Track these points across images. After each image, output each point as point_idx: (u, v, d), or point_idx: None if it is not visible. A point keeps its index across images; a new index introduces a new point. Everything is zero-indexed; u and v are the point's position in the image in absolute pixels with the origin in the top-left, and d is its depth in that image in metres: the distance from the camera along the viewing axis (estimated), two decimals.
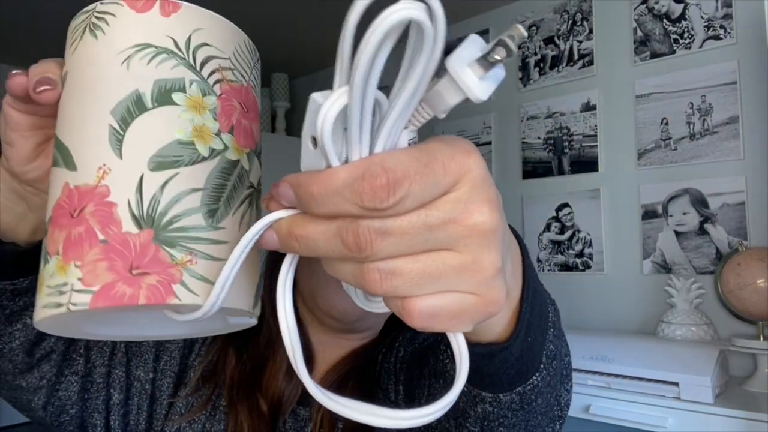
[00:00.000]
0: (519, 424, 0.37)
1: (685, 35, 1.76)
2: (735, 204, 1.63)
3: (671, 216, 1.75)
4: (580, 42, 1.99)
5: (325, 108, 0.22)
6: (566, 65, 2.02)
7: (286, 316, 0.25)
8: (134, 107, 0.26)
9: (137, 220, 0.25)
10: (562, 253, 1.99)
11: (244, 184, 0.29)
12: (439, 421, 0.42)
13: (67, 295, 0.25)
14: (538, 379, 0.35)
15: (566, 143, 2.00)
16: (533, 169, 2.09)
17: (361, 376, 0.62)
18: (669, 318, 1.60)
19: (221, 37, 0.30)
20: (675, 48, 1.77)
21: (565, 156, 2.00)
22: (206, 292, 0.26)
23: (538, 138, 2.08)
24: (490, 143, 2.22)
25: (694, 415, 1.28)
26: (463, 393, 0.36)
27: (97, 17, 0.29)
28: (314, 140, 0.24)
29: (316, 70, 2.97)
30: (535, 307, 0.33)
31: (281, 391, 0.61)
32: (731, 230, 1.64)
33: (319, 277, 0.60)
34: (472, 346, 0.30)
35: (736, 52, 1.66)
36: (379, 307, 0.29)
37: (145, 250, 0.25)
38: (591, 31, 1.97)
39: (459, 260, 0.22)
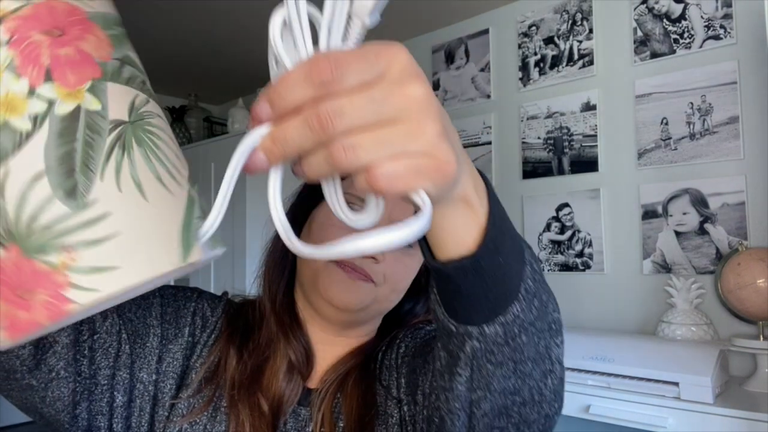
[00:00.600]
0: (507, 364, 0.39)
1: (685, 35, 1.76)
2: (735, 204, 1.63)
3: (671, 216, 1.75)
4: (580, 42, 1.99)
5: (271, 25, 0.26)
6: (566, 65, 2.02)
7: (278, 213, 0.28)
8: None
9: (2, 239, 0.22)
10: (562, 253, 1.99)
11: (102, 130, 0.24)
12: (434, 377, 0.44)
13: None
14: (518, 310, 0.38)
15: (566, 143, 2.00)
16: (533, 169, 2.09)
17: (360, 373, 0.62)
18: (669, 318, 1.60)
19: None
20: (675, 48, 1.77)
21: (565, 156, 2.00)
22: (104, 281, 0.22)
23: (538, 138, 2.08)
24: (490, 143, 2.22)
25: (694, 415, 1.28)
26: (452, 335, 0.39)
27: None
28: (275, 60, 0.28)
29: None
30: (504, 231, 0.36)
31: (282, 390, 0.61)
32: (731, 230, 1.64)
33: (319, 267, 0.61)
34: (446, 264, 0.35)
35: (736, 52, 1.66)
36: (363, 221, 0.29)
37: (20, 268, 0.22)
38: (591, 31, 1.97)
39: (405, 127, 0.26)
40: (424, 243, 0.37)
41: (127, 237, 0.22)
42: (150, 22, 2.34)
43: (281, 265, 0.69)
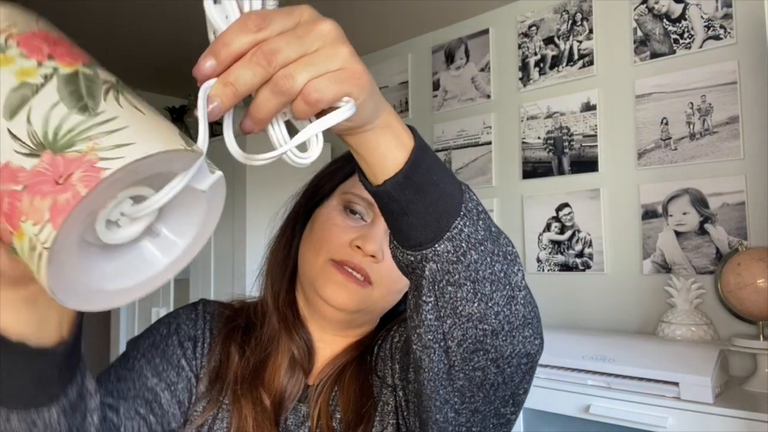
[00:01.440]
0: (465, 284, 0.42)
1: (685, 35, 1.76)
2: (735, 204, 1.63)
3: (671, 216, 1.75)
4: (580, 42, 1.99)
5: (205, 1, 0.36)
6: (566, 65, 2.02)
7: (234, 146, 0.37)
8: None
9: (32, 156, 0.27)
10: (562, 253, 1.99)
11: (98, 81, 0.31)
12: (408, 323, 0.48)
13: (35, 243, 0.27)
14: (462, 225, 0.41)
15: (566, 143, 2.00)
16: (533, 169, 2.09)
17: (357, 367, 0.63)
18: (669, 318, 1.60)
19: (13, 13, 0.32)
20: (675, 48, 1.77)
21: (565, 156, 2.00)
22: (127, 151, 0.27)
23: (538, 138, 2.08)
24: (490, 143, 2.22)
25: (694, 415, 1.28)
26: (412, 267, 0.43)
27: None
28: (213, 32, 0.37)
29: None
30: (433, 158, 0.42)
31: (284, 386, 0.62)
32: (731, 230, 1.64)
33: (318, 268, 0.63)
34: (382, 185, 0.41)
35: (736, 52, 1.66)
36: (310, 157, 0.36)
37: (55, 165, 0.27)
38: (591, 31, 1.97)
39: (324, 51, 0.34)
40: (362, 176, 0.43)
41: (137, 127, 0.29)
42: (150, 22, 2.34)
43: (283, 263, 0.70)
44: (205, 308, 0.69)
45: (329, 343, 0.67)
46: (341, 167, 0.70)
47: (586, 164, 1.95)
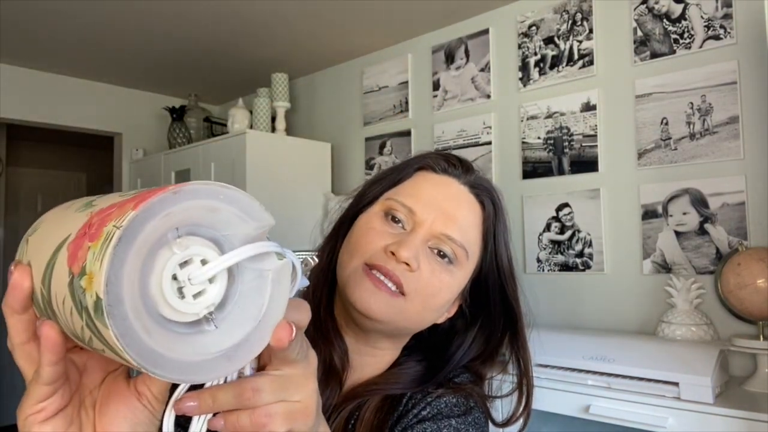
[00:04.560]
0: None
1: (685, 35, 1.76)
2: (735, 204, 1.63)
3: (671, 216, 1.75)
4: (580, 42, 1.99)
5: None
6: (566, 65, 2.02)
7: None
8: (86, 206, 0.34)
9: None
10: (562, 253, 1.99)
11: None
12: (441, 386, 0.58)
13: (112, 231, 0.29)
14: None
15: (566, 143, 2.00)
16: (533, 169, 2.09)
17: (380, 406, 0.63)
18: (669, 318, 1.60)
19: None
20: (675, 48, 1.77)
21: (565, 156, 2.00)
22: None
23: (538, 138, 2.08)
24: (490, 143, 2.22)
25: (694, 415, 1.28)
26: None
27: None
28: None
29: (316, 70, 2.97)
30: None
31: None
32: (731, 230, 1.64)
33: (350, 272, 0.61)
34: None
35: (736, 52, 1.66)
36: None
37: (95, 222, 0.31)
38: (591, 31, 1.97)
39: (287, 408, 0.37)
40: None
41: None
42: (150, 22, 2.34)
43: (327, 270, 0.68)
44: None
45: (360, 355, 0.65)
46: (389, 175, 0.68)
47: (586, 164, 1.95)
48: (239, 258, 0.31)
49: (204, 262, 0.31)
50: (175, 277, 0.30)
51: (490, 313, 0.69)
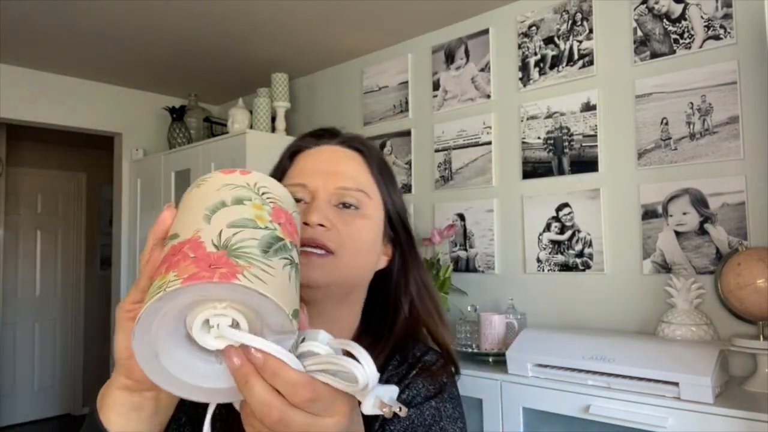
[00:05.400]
0: None
1: (685, 35, 1.76)
2: (735, 204, 1.63)
3: (671, 216, 1.75)
4: (580, 42, 1.99)
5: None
6: (566, 65, 2.02)
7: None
8: (219, 206, 0.42)
9: (216, 247, 0.39)
10: (562, 253, 1.99)
11: (286, 252, 0.42)
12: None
13: (163, 287, 0.36)
14: None
15: (566, 143, 2.00)
16: (533, 169, 2.09)
17: None
18: (669, 318, 1.60)
19: (276, 190, 0.48)
20: (675, 48, 1.77)
21: (565, 156, 2.00)
22: (258, 284, 0.37)
23: (538, 138, 2.08)
24: (490, 143, 2.22)
25: (694, 415, 1.28)
26: None
27: (201, 180, 0.47)
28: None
29: (316, 70, 2.97)
30: None
31: None
32: (731, 230, 1.64)
33: None
34: None
35: (736, 52, 1.66)
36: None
37: (220, 258, 0.38)
38: (591, 31, 1.97)
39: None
40: None
41: (278, 283, 0.39)
42: (150, 22, 2.34)
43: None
44: None
45: (327, 322, 0.66)
46: (274, 174, 0.73)
47: (586, 164, 1.95)
48: (252, 344, 0.38)
49: (235, 323, 0.38)
50: (207, 321, 0.39)
51: (400, 241, 0.73)
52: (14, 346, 4.44)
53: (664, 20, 1.80)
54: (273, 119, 2.75)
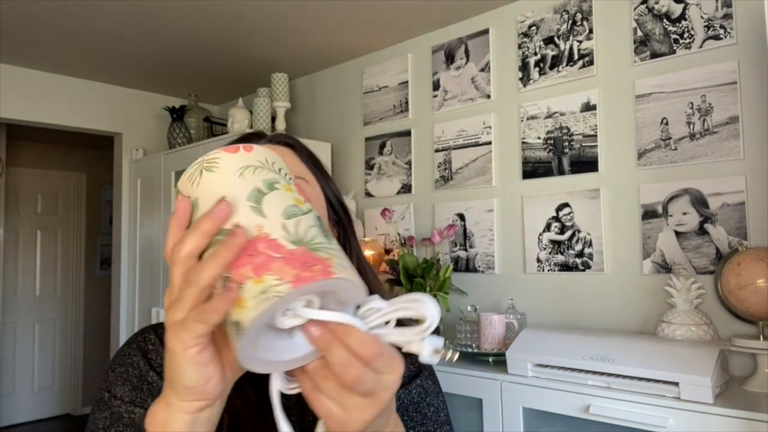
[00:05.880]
0: None
1: (685, 35, 1.76)
2: (735, 204, 1.63)
3: (671, 216, 1.75)
4: (580, 42, 1.99)
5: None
6: (566, 65, 2.02)
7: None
8: (259, 195, 0.42)
9: (294, 243, 0.40)
10: (562, 253, 1.99)
11: (325, 227, 0.44)
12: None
13: (270, 291, 0.37)
14: None
15: (566, 143, 2.00)
16: (533, 169, 2.09)
17: None
18: (669, 318, 1.60)
19: (280, 161, 0.47)
20: (675, 48, 1.77)
21: (565, 156, 2.00)
22: (349, 275, 0.40)
23: (538, 138, 2.08)
24: (490, 143, 2.22)
25: (694, 415, 1.28)
26: None
27: (207, 163, 0.44)
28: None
29: (316, 70, 2.97)
30: None
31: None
32: (731, 230, 1.64)
33: None
34: None
35: (736, 52, 1.66)
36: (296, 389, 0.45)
37: (305, 255, 0.39)
38: (591, 31, 1.97)
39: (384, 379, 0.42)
40: None
41: (346, 262, 0.42)
42: (150, 22, 2.34)
43: None
44: (157, 332, 0.68)
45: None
46: None
47: (586, 164, 1.95)
48: (329, 319, 0.40)
49: (310, 303, 0.41)
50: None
51: (342, 222, 0.76)
52: (14, 346, 4.44)
53: (664, 20, 1.80)
54: (273, 119, 2.75)
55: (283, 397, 0.45)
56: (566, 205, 1.99)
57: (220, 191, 0.42)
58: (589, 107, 1.95)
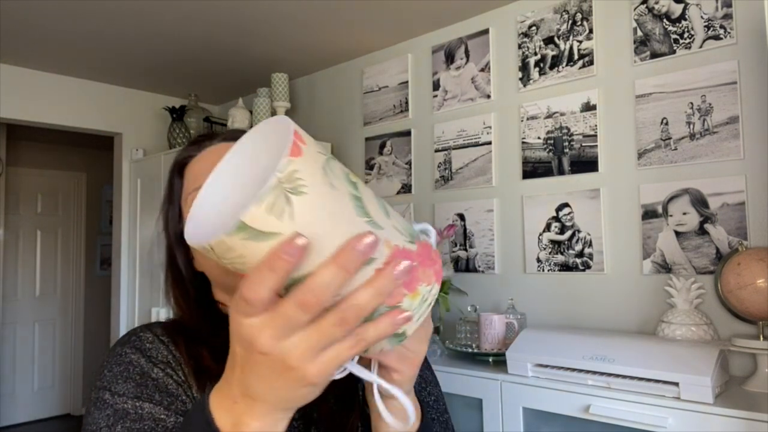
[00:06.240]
0: None
1: (685, 35, 1.76)
2: (735, 204, 1.63)
3: (671, 216, 1.75)
4: (580, 42, 1.99)
5: None
6: (566, 65, 2.02)
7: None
8: (358, 202, 0.36)
9: (410, 242, 0.39)
10: (562, 253, 1.99)
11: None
12: None
13: (427, 299, 0.40)
14: None
15: (566, 143, 2.00)
16: (533, 169, 2.09)
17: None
18: (669, 318, 1.60)
19: (328, 149, 0.45)
20: (675, 48, 1.77)
21: (565, 156, 2.00)
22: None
23: (538, 138, 2.08)
24: (490, 143, 2.22)
25: (694, 415, 1.28)
26: None
27: (288, 184, 0.32)
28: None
29: (316, 70, 2.97)
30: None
31: None
32: (731, 230, 1.64)
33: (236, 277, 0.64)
34: None
35: (736, 52, 1.66)
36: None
37: (422, 248, 0.40)
38: (591, 31, 1.97)
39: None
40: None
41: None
42: (150, 22, 2.34)
43: (186, 285, 0.72)
44: (153, 330, 0.68)
45: None
46: (170, 192, 0.74)
47: (586, 164, 1.95)
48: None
49: None
50: None
51: None
52: (14, 346, 4.44)
53: (664, 20, 1.80)
54: None
55: None
56: (566, 205, 1.99)
57: (326, 218, 0.33)
58: (589, 107, 1.95)
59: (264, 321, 0.35)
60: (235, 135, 0.74)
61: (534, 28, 2.12)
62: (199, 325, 0.68)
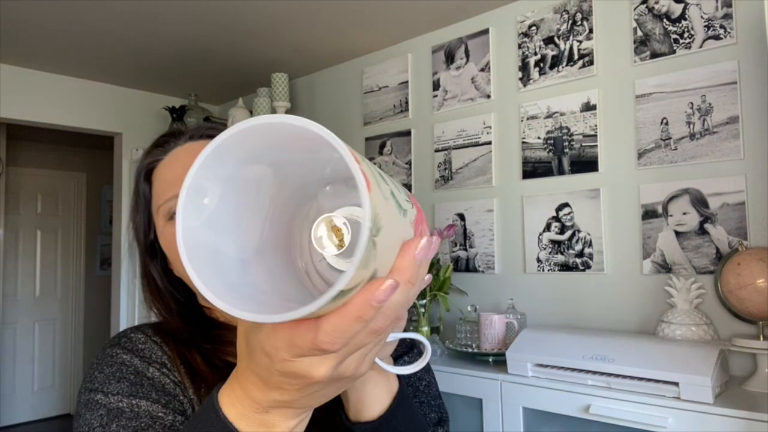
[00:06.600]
0: None
1: (685, 35, 1.76)
2: (735, 204, 1.63)
3: (671, 216, 1.75)
4: (580, 42, 1.99)
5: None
6: (566, 65, 2.02)
7: None
8: (401, 209, 0.35)
9: (407, 217, 0.36)
10: (562, 253, 1.99)
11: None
12: None
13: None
14: None
15: (566, 143, 2.00)
16: (533, 169, 2.09)
17: None
18: (669, 318, 1.60)
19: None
20: (675, 48, 1.77)
21: (565, 156, 2.00)
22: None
23: (538, 138, 2.08)
24: (490, 143, 2.22)
25: (694, 415, 1.28)
26: None
27: (373, 226, 0.28)
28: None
29: (316, 70, 2.97)
30: (408, 407, 0.56)
31: None
32: (731, 230, 1.64)
33: None
34: (364, 423, 0.52)
35: (736, 52, 1.66)
36: None
37: (414, 200, 0.40)
38: (591, 31, 1.97)
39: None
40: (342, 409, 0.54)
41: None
42: (151, 22, 2.34)
43: (164, 296, 0.71)
44: (144, 331, 0.67)
45: None
46: (137, 196, 0.71)
47: (586, 164, 1.95)
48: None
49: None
50: None
51: None
52: (14, 346, 4.44)
53: (664, 20, 1.80)
54: None
55: None
56: (566, 205, 1.99)
57: (392, 236, 0.31)
58: (589, 107, 1.95)
59: (321, 359, 0.33)
60: (201, 131, 0.71)
61: (534, 28, 2.12)
62: (187, 332, 0.67)
